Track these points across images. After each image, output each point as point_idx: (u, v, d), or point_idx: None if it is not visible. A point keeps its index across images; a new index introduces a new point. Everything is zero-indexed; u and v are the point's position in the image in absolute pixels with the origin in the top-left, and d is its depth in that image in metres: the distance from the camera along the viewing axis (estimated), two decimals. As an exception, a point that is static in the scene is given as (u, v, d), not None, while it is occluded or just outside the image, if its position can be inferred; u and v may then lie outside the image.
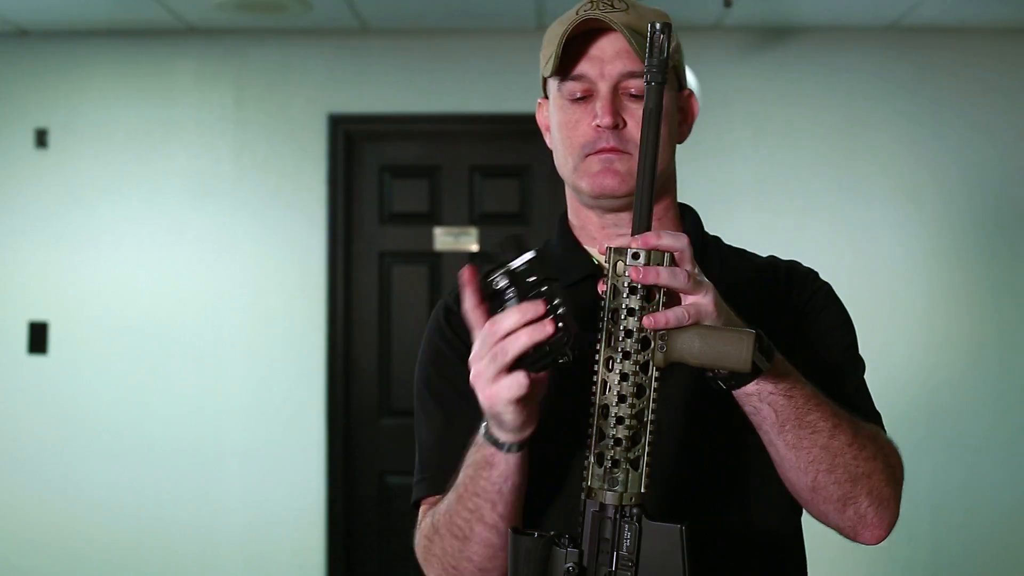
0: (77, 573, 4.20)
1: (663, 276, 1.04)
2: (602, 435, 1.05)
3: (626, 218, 1.33)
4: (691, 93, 1.41)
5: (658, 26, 1.06)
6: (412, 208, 4.33)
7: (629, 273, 1.04)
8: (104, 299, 4.23)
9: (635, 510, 1.05)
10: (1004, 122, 4.20)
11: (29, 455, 4.22)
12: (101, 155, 4.26)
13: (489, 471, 1.14)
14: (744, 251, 1.44)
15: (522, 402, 1.06)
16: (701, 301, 1.06)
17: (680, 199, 1.51)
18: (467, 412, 1.28)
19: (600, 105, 1.28)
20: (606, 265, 1.07)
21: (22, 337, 4.23)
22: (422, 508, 1.33)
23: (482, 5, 3.91)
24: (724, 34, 4.20)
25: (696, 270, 1.07)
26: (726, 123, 4.18)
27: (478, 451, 1.15)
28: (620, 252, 1.06)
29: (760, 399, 1.14)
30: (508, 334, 1.03)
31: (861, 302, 4.59)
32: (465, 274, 1.08)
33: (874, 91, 4.20)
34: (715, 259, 1.40)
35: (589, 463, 1.06)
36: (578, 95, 1.30)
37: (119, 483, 4.19)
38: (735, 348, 1.05)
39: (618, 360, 1.05)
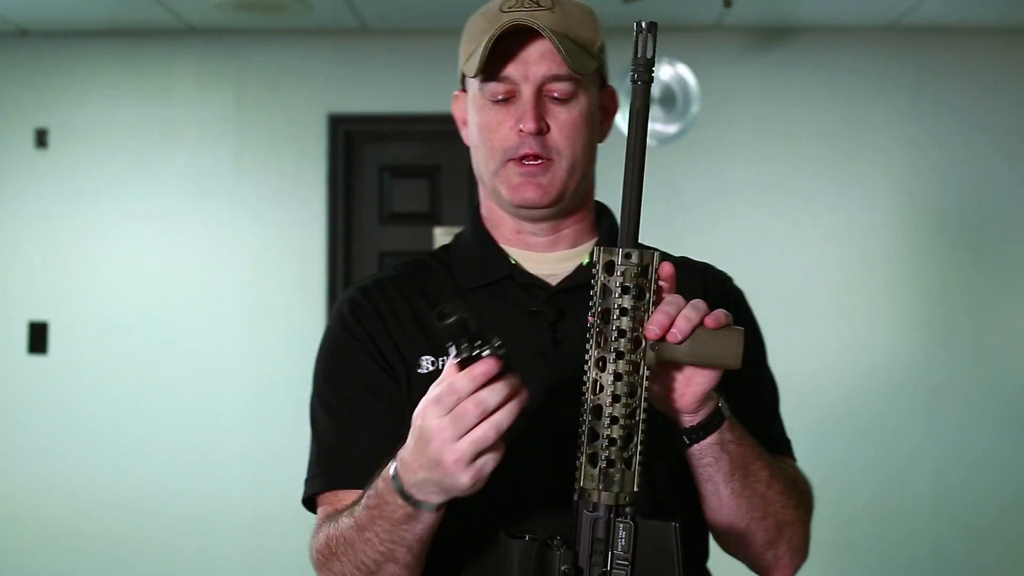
0: (77, 572, 4.19)
1: (690, 317, 1.05)
2: (595, 435, 1.04)
3: (544, 226, 1.32)
4: (613, 91, 1.39)
5: (643, 24, 1.05)
6: (412, 208, 4.33)
7: (674, 329, 1.04)
8: (104, 299, 4.22)
9: (628, 509, 1.05)
10: (1004, 122, 4.20)
11: (29, 455, 4.21)
12: (101, 155, 4.26)
13: (412, 524, 1.09)
14: (656, 250, 1.41)
15: None
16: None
17: (680, 199, 1.51)
18: (371, 405, 1.27)
19: (524, 110, 1.26)
20: (595, 265, 1.06)
21: (22, 337, 4.23)
22: (319, 508, 1.29)
23: (482, 5, 3.90)
24: (724, 34, 4.20)
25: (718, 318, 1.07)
26: (726, 123, 4.18)
27: (394, 510, 1.09)
28: (610, 251, 1.06)
29: (722, 447, 1.14)
30: (491, 412, 0.98)
31: (860, 301, 4.60)
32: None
33: (874, 91, 4.20)
34: None
35: (581, 464, 1.05)
36: (500, 96, 1.28)
37: (119, 482, 4.19)
38: (726, 346, 1.05)
39: (611, 360, 1.04)
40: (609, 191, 1.36)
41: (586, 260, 1.32)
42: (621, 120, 3.89)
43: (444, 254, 1.40)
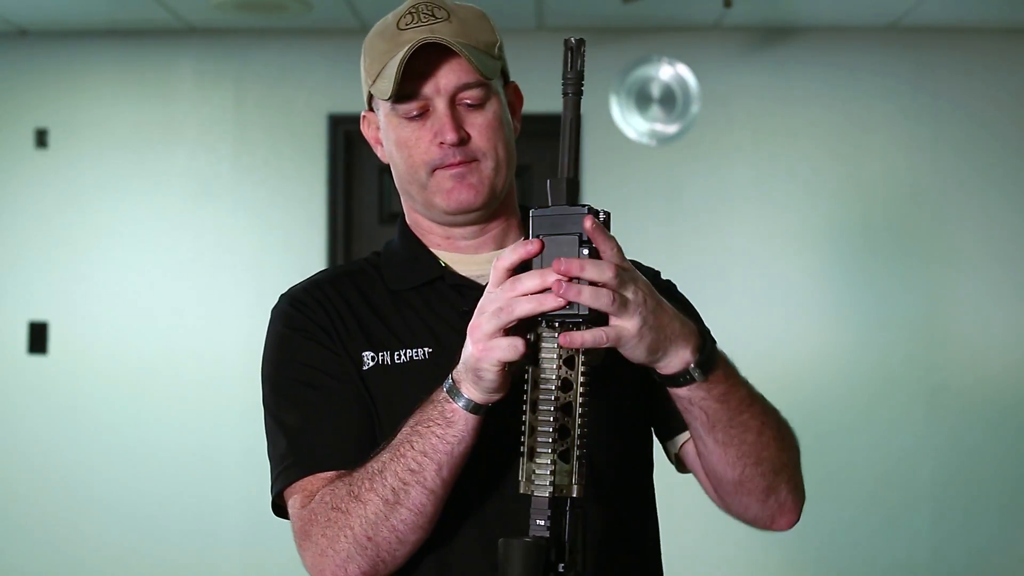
0: (77, 572, 4.19)
1: (585, 295, 1.02)
2: (566, 432, 1.05)
3: (473, 228, 1.34)
4: (516, 85, 1.40)
5: (572, 40, 1.07)
6: (412, 208, 4.33)
7: (552, 287, 1.03)
8: (104, 299, 4.22)
9: (569, 502, 1.07)
10: (1004, 122, 4.20)
11: (29, 455, 4.21)
12: (101, 155, 4.26)
13: (445, 428, 1.12)
14: None
15: (507, 365, 1.06)
16: (625, 325, 1.05)
17: (680, 199, 1.51)
18: (334, 386, 1.28)
19: (442, 123, 1.27)
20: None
21: (22, 337, 4.23)
22: (294, 497, 1.27)
23: (481, 5, 3.90)
24: (724, 34, 4.20)
25: (629, 292, 1.05)
26: (726, 123, 4.18)
27: (434, 407, 1.13)
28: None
29: (691, 403, 1.15)
30: (522, 295, 1.03)
31: (861, 301, 4.59)
32: (532, 247, 1.06)
33: (874, 91, 4.20)
34: None
35: (571, 461, 1.05)
36: (414, 113, 1.29)
37: (119, 483, 4.18)
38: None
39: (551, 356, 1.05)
40: (607, 189, 1.36)
41: None
42: (620, 120, 3.90)
43: (375, 259, 1.42)
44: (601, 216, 1.06)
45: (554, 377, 1.05)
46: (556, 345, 1.05)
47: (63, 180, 4.25)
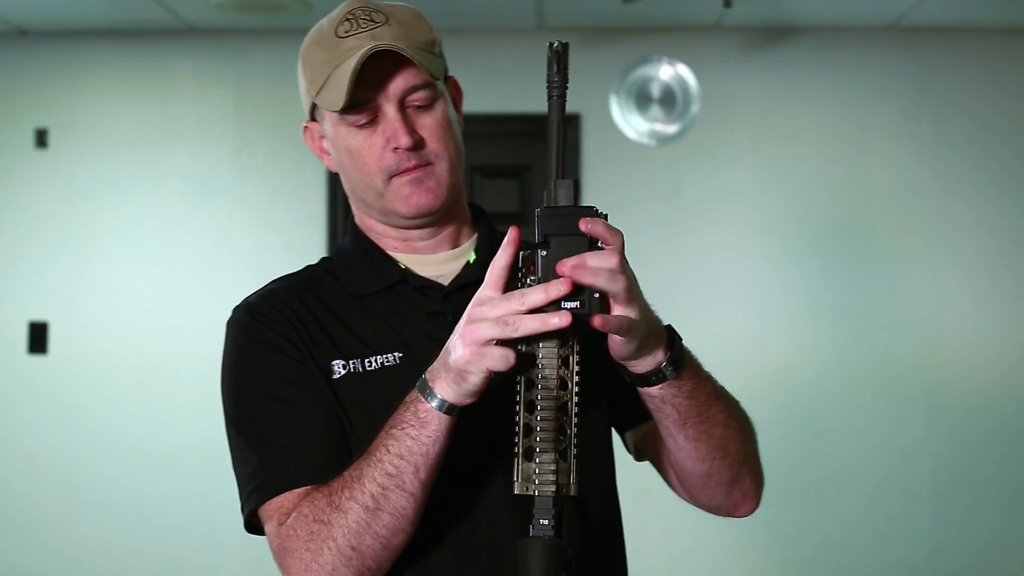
0: (77, 572, 4.19)
1: (602, 278, 1.03)
2: (563, 431, 1.05)
3: (429, 229, 1.34)
4: (455, 79, 1.39)
5: (556, 44, 1.07)
6: (412, 208, 4.33)
7: (568, 273, 1.03)
8: (104, 299, 4.22)
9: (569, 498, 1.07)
10: (1004, 122, 4.20)
11: (29, 455, 4.21)
12: (101, 155, 4.26)
13: (419, 430, 1.11)
14: None
15: (492, 374, 1.06)
16: (630, 314, 1.06)
17: (679, 199, 1.52)
18: (301, 398, 1.26)
19: (394, 128, 1.26)
20: (521, 269, 1.07)
21: (22, 337, 4.23)
22: (270, 516, 1.25)
23: (482, 5, 3.90)
24: (724, 34, 4.20)
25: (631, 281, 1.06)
26: (726, 123, 4.18)
27: (406, 409, 1.12)
28: (534, 256, 1.07)
29: (663, 400, 1.16)
30: (529, 310, 1.02)
31: (861, 300, 4.59)
32: (512, 234, 1.07)
33: (874, 91, 4.20)
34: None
35: (569, 460, 1.06)
36: (364, 121, 1.27)
37: (119, 483, 4.18)
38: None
39: (540, 356, 1.06)
40: (607, 189, 1.36)
41: (472, 257, 1.35)
42: (620, 120, 3.90)
43: (328, 264, 1.39)
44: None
45: (554, 376, 1.05)
46: (556, 346, 1.05)
47: (63, 180, 4.25)
